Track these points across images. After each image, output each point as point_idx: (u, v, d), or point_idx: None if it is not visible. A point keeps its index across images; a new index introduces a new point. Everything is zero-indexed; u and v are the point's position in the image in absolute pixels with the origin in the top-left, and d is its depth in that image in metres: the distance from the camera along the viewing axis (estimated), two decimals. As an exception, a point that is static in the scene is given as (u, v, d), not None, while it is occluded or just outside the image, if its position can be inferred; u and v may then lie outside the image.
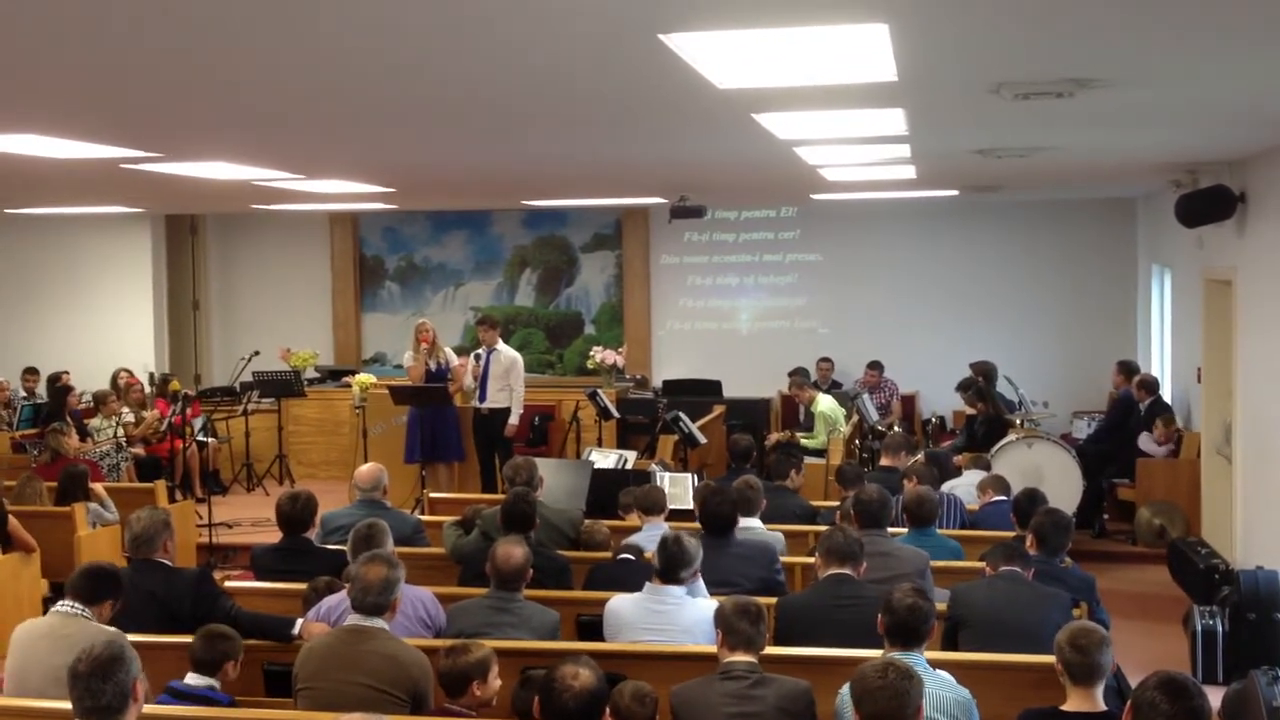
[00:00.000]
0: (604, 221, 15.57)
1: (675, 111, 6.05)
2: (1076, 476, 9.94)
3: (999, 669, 5.04)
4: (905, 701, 3.71)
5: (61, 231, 15.20)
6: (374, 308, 16.31)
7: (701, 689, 4.44)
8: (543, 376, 15.48)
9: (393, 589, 4.82)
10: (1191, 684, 3.64)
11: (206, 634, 4.95)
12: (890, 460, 8.83)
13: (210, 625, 5.05)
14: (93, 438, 11.78)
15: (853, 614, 5.26)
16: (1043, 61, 4.82)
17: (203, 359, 16.61)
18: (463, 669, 4.53)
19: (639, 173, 9.58)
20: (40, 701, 4.64)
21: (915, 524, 6.81)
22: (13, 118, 6.03)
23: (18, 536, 8.10)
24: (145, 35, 4.08)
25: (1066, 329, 14.36)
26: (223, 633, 4.98)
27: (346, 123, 6.45)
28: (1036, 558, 5.94)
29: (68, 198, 11.81)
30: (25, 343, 15.10)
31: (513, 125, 6.59)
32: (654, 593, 5.43)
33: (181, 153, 7.71)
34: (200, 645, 4.90)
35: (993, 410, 11.17)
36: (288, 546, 6.50)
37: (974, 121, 6.64)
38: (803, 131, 6.88)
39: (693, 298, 15.59)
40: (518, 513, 6.34)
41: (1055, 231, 14.45)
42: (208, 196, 11.63)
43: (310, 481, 12.61)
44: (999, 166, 8.86)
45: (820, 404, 11.84)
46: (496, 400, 11.21)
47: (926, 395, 14.56)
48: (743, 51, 4.48)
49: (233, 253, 16.53)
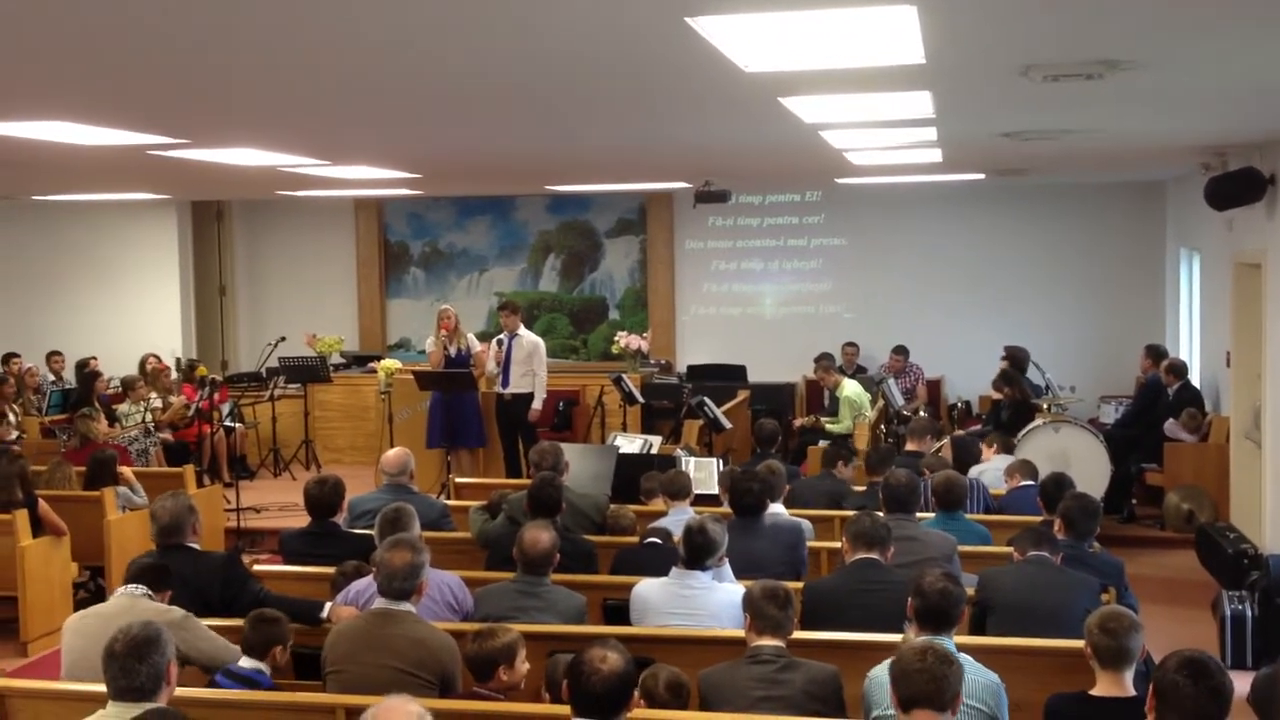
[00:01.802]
0: (628, 206, 15.56)
1: (701, 95, 6.03)
2: (1104, 461, 9.89)
3: (1027, 654, 5.03)
4: (943, 686, 3.68)
5: (89, 218, 15.30)
6: (399, 293, 16.35)
7: (729, 673, 4.45)
8: (567, 362, 15.50)
9: (418, 573, 4.84)
10: (1213, 662, 3.62)
11: (254, 618, 5.04)
12: (916, 445, 8.80)
13: (260, 610, 5.13)
14: (121, 423, 11.85)
15: (880, 598, 5.26)
16: (1072, 43, 4.78)
17: (229, 345, 16.69)
18: (490, 653, 4.56)
19: (664, 157, 9.57)
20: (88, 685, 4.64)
21: (943, 508, 6.80)
22: (42, 105, 6.07)
23: (48, 520, 8.17)
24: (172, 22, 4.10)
25: (1094, 313, 14.28)
26: (270, 617, 5.05)
27: (373, 109, 6.46)
28: (1065, 542, 5.92)
29: (95, 184, 11.88)
30: (54, 329, 15.20)
31: (539, 110, 6.59)
32: (680, 577, 5.43)
33: (208, 139, 7.74)
34: (248, 629, 4.99)
35: (1019, 395, 11.12)
36: (316, 530, 6.53)
37: (1002, 104, 6.59)
38: (829, 115, 6.86)
39: (717, 282, 15.56)
40: (544, 497, 6.36)
41: (1083, 215, 14.35)
42: (234, 182, 11.67)
43: (336, 466, 12.69)
44: (1026, 149, 8.80)
45: (845, 389, 11.82)
46: (520, 385, 11.22)
47: (952, 380, 14.51)
48: (769, 34, 4.46)
49: (259, 239, 16.60)
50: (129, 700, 3.86)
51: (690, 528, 5.46)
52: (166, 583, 5.21)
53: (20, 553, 7.87)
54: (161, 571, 5.23)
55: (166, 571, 5.25)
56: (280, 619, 5.06)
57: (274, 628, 5.02)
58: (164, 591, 5.18)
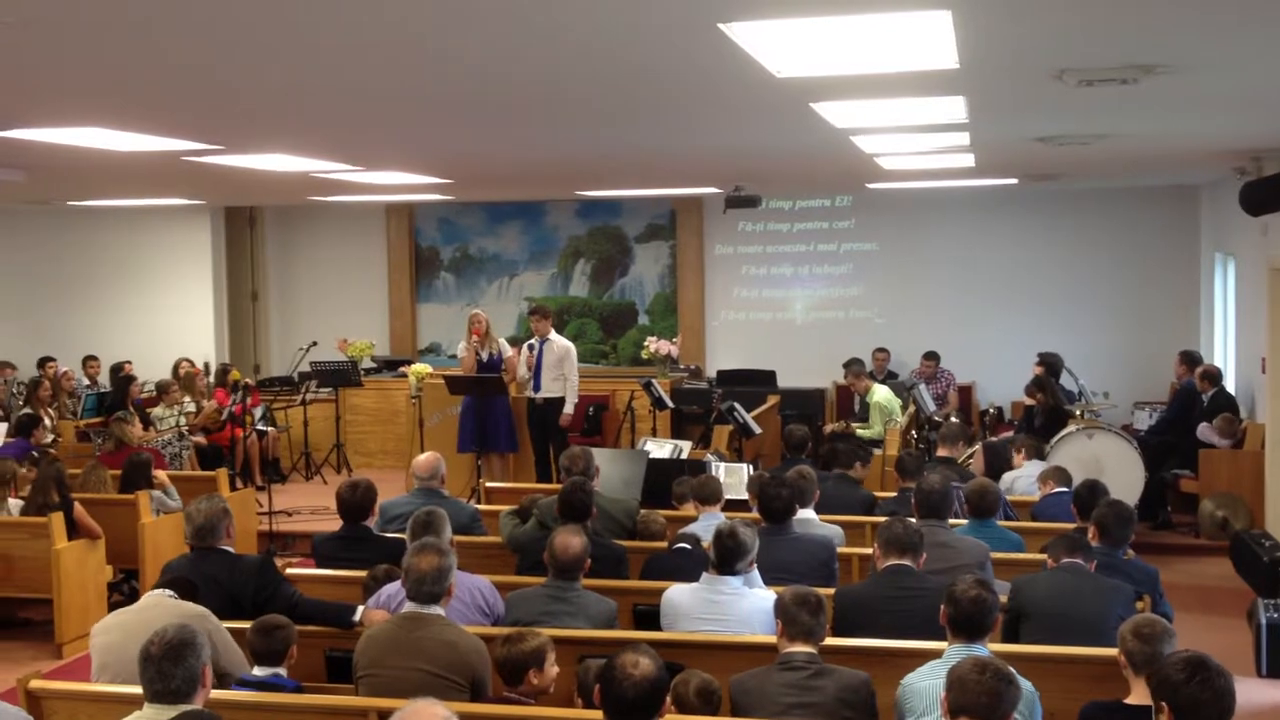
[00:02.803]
0: (658, 212, 15.56)
1: (732, 100, 6.03)
2: (1138, 468, 9.81)
3: (1061, 662, 4.99)
4: (997, 702, 3.66)
5: (123, 224, 15.44)
6: (429, 298, 16.40)
7: (760, 679, 4.44)
8: (597, 366, 15.51)
9: (446, 576, 4.85)
10: (1213, 662, 3.61)
11: (259, 628, 4.99)
12: (947, 451, 8.75)
13: (264, 618, 5.07)
14: (155, 427, 11.94)
15: (912, 605, 5.23)
16: (1107, 47, 4.76)
17: (261, 349, 16.79)
18: (520, 657, 4.56)
19: (695, 162, 9.57)
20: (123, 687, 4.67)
21: (976, 515, 6.76)
22: (78, 111, 6.13)
23: (83, 523, 8.24)
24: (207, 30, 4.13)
25: (1127, 319, 14.18)
26: (277, 623, 5.02)
27: (405, 114, 6.49)
28: (1099, 549, 5.87)
29: (130, 190, 11.99)
30: (89, 333, 15.35)
31: (571, 115, 6.60)
32: (711, 583, 5.42)
33: (242, 145, 7.79)
34: (259, 640, 4.95)
35: (1052, 401, 11.05)
36: (348, 534, 6.55)
37: (1036, 109, 6.56)
38: (861, 120, 6.84)
39: (747, 287, 15.54)
40: (575, 502, 6.36)
41: (1116, 220, 14.26)
42: (267, 188, 11.75)
43: (367, 470, 12.75)
44: (1060, 154, 8.76)
45: (876, 394, 11.78)
46: (551, 390, 11.23)
47: (983, 386, 14.44)
48: (802, 40, 4.46)
49: (291, 244, 16.69)
50: (165, 702, 3.89)
51: (721, 531, 5.45)
52: (193, 597, 5.22)
53: (56, 555, 7.93)
54: (190, 586, 5.26)
55: (194, 587, 5.28)
56: (285, 624, 5.02)
57: (281, 634, 4.97)
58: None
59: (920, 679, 4.36)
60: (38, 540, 7.98)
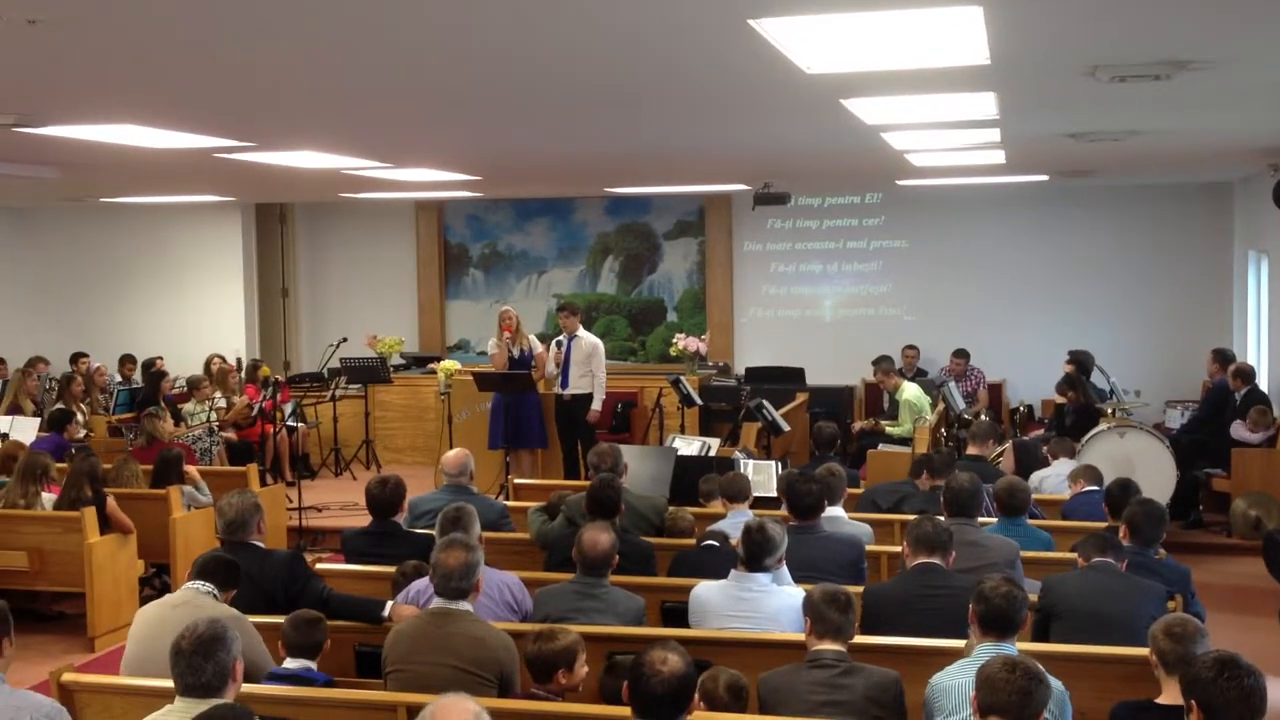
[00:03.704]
0: (687, 209, 15.55)
1: (762, 97, 6.02)
2: (1170, 467, 9.74)
3: (1092, 661, 4.96)
4: (1027, 702, 3.64)
5: (155, 220, 15.55)
6: (458, 295, 16.45)
7: (789, 677, 4.43)
8: (625, 363, 15.52)
9: (474, 572, 4.86)
10: (1244, 661, 3.59)
11: (295, 621, 5.02)
12: (978, 449, 8.72)
13: (300, 612, 5.11)
14: (186, 422, 12.02)
15: (941, 604, 5.20)
16: (1140, 43, 4.72)
17: (291, 345, 16.87)
18: (550, 655, 4.56)
19: (724, 159, 9.55)
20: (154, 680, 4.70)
21: (1006, 513, 6.72)
22: (110, 109, 6.17)
23: (115, 518, 8.30)
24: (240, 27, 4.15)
25: (1159, 316, 14.07)
26: (314, 618, 5.05)
27: (436, 112, 6.51)
28: (1130, 549, 5.83)
29: (161, 187, 12.06)
30: (121, 329, 15.48)
31: (600, 111, 6.60)
32: (739, 580, 5.42)
33: (273, 142, 7.83)
34: (295, 633, 4.98)
35: (1083, 399, 10.98)
36: (377, 530, 6.57)
37: (1068, 105, 6.52)
38: (891, 116, 6.82)
39: (776, 285, 15.51)
40: (604, 499, 6.36)
41: (1148, 217, 14.16)
42: (297, 185, 11.80)
43: (396, 466, 12.78)
44: (1092, 151, 8.70)
45: (905, 392, 11.73)
46: (578, 387, 11.25)
47: (1014, 383, 14.36)
48: (833, 36, 4.44)
49: (321, 241, 16.77)
50: (196, 696, 3.92)
51: (749, 527, 5.44)
52: (234, 580, 5.24)
53: (88, 549, 7.99)
54: (231, 568, 5.26)
55: (236, 569, 5.29)
56: (320, 620, 5.05)
57: (316, 629, 5.01)
58: (230, 590, 5.21)
59: (949, 678, 4.34)
60: (70, 534, 8.05)
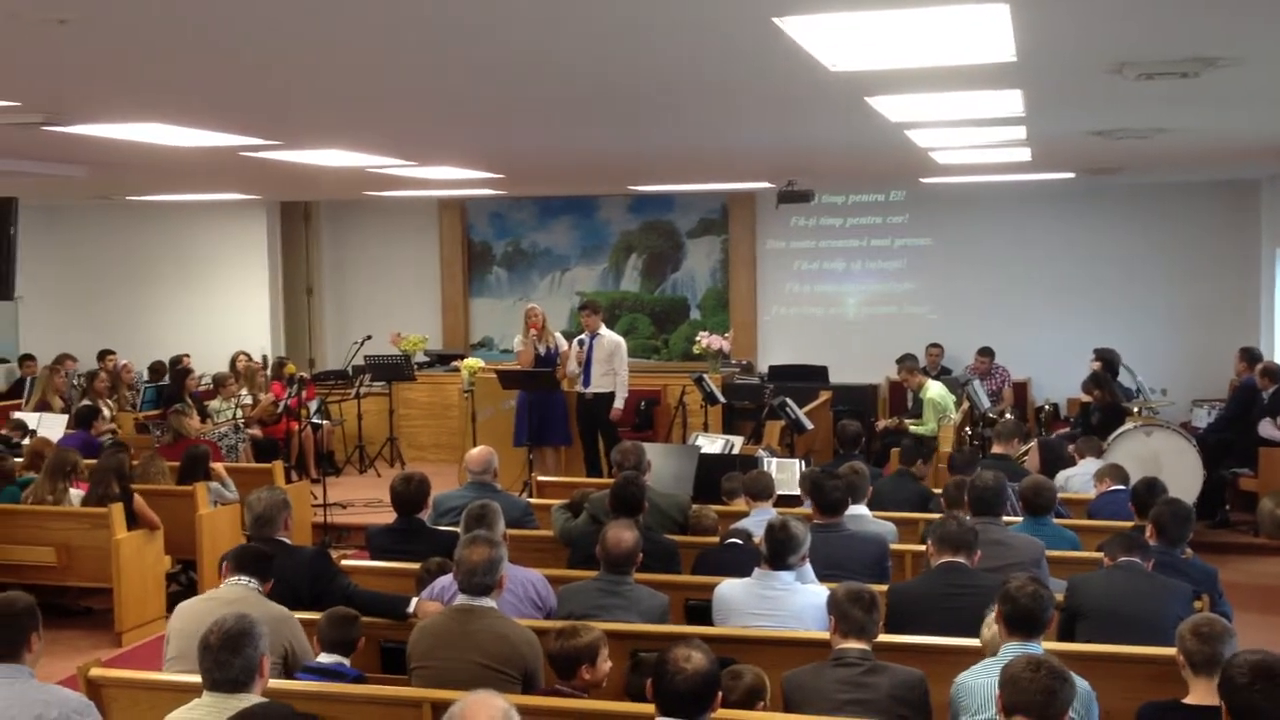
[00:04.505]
0: (710, 207, 15.54)
1: (787, 95, 6.02)
2: (1196, 466, 9.67)
3: (1118, 661, 4.94)
4: (1052, 700, 3.63)
5: (181, 218, 15.64)
6: (481, 293, 16.48)
7: (813, 675, 4.43)
8: (648, 361, 15.51)
9: (497, 568, 4.88)
10: None
11: (331, 617, 5.05)
12: (1003, 448, 8.69)
13: (336, 609, 5.14)
14: (212, 419, 12.09)
15: (966, 603, 5.18)
16: (1167, 40, 4.69)
17: (316, 343, 16.95)
18: (573, 652, 4.57)
19: (748, 156, 9.54)
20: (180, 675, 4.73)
21: (1031, 513, 6.69)
22: (139, 107, 6.21)
23: (142, 514, 8.36)
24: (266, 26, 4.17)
25: (1186, 315, 13.98)
26: (348, 616, 5.08)
27: (460, 110, 6.52)
28: (1156, 548, 5.80)
29: (188, 185, 12.13)
30: (147, 327, 15.58)
31: (624, 109, 6.60)
32: (763, 578, 5.41)
33: (299, 141, 7.87)
34: (332, 630, 5.01)
35: (1109, 398, 10.93)
36: (402, 527, 6.60)
37: (1094, 103, 6.49)
38: (915, 114, 6.80)
39: (799, 283, 15.49)
40: (627, 496, 6.36)
41: (1175, 214, 14.06)
42: (322, 183, 11.85)
43: (420, 464, 12.81)
44: (1118, 148, 8.65)
45: (930, 390, 11.70)
46: (600, 385, 11.26)
47: (1039, 382, 14.30)
48: (857, 34, 4.43)
49: (345, 239, 16.83)
50: (223, 691, 3.94)
51: (772, 525, 5.44)
52: (270, 569, 5.27)
53: (116, 545, 8.05)
54: (264, 558, 5.29)
55: (269, 558, 5.32)
56: (355, 618, 5.09)
57: (352, 626, 5.04)
58: (268, 581, 5.24)
59: (974, 677, 4.33)
60: (98, 530, 8.10)
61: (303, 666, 4.99)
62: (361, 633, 5.09)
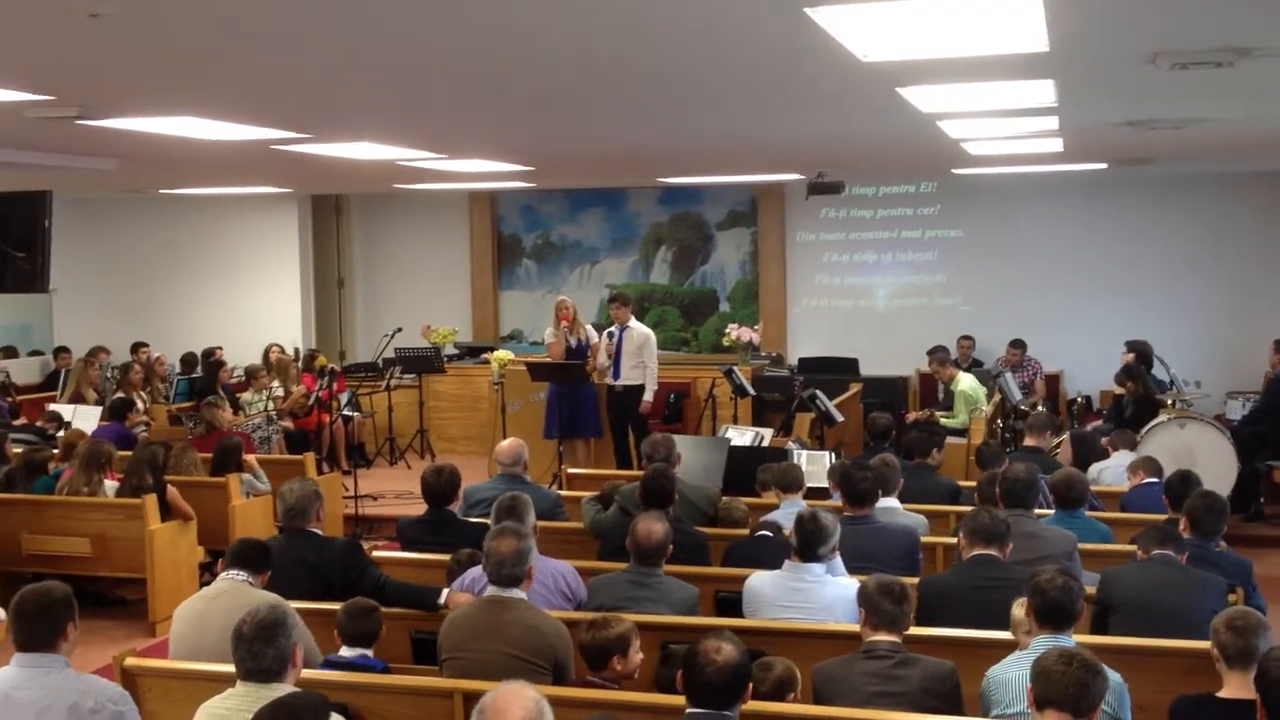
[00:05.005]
0: (739, 199, 15.51)
1: (818, 85, 6.00)
2: (1231, 458, 9.60)
3: (1152, 654, 4.91)
4: (1083, 693, 3.61)
5: (213, 211, 15.73)
6: (511, 285, 16.51)
7: (844, 667, 4.42)
8: (678, 354, 15.51)
9: (525, 559, 4.89)
10: None
11: (353, 611, 5.05)
12: (1035, 440, 8.63)
13: (354, 601, 5.13)
14: (244, 411, 12.16)
15: (998, 595, 5.14)
16: (1201, 29, 4.65)
17: (347, 335, 17.02)
18: (604, 643, 4.58)
19: (779, 148, 9.51)
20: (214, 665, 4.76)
21: (1063, 505, 6.65)
22: (172, 101, 6.24)
23: (176, 505, 8.42)
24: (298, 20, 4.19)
25: (1220, 307, 13.86)
26: (368, 607, 5.08)
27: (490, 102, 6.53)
28: (1190, 541, 5.76)
29: (219, 178, 12.21)
30: (180, 319, 15.69)
31: (655, 101, 6.60)
32: (793, 570, 5.41)
33: (329, 134, 7.90)
34: (351, 623, 5.01)
35: (1142, 390, 10.85)
36: (432, 519, 6.63)
37: (1128, 93, 6.44)
38: (947, 104, 6.77)
39: (829, 274, 15.44)
40: (657, 488, 6.37)
41: (1208, 206, 13.94)
42: (353, 176, 11.89)
43: (450, 456, 12.86)
44: (1152, 139, 8.58)
45: (961, 382, 11.65)
46: (630, 377, 11.27)
47: (1071, 374, 14.20)
48: (889, 23, 4.41)
49: (375, 232, 16.89)
50: (256, 681, 3.97)
51: (802, 516, 5.43)
52: (266, 562, 5.25)
53: (150, 536, 8.12)
54: (260, 550, 5.28)
55: (265, 550, 5.31)
56: (374, 609, 5.08)
57: (370, 618, 5.03)
58: (263, 572, 5.22)
59: (1006, 670, 4.32)
60: (132, 521, 8.18)
61: (322, 660, 5.00)
62: (381, 623, 5.08)
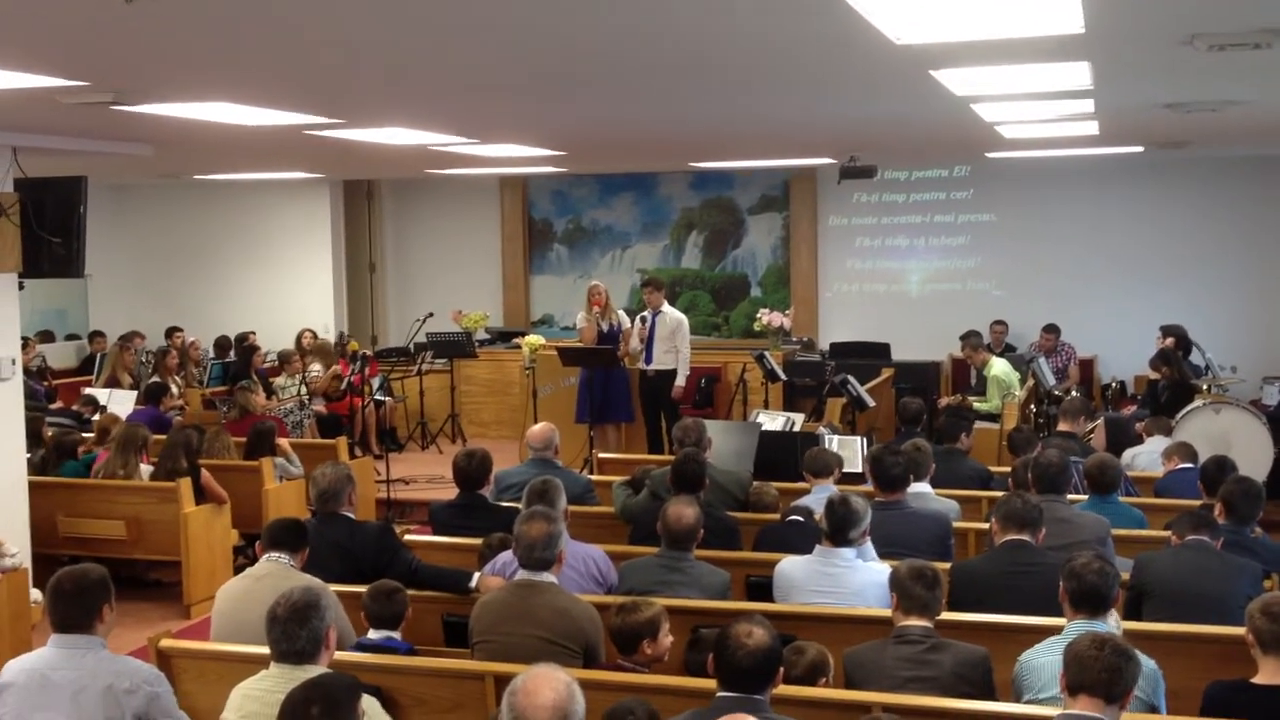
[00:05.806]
0: (771, 183, 15.46)
1: (851, 69, 5.96)
2: (1267, 444, 9.51)
3: (1186, 640, 4.89)
4: (1116, 679, 3.60)
5: (246, 197, 15.80)
6: (542, 270, 16.52)
7: (875, 652, 4.42)
8: (709, 339, 15.48)
9: (555, 542, 4.91)
10: None
11: (377, 593, 5.06)
12: (1069, 425, 8.58)
13: (378, 583, 5.14)
14: (277, 395, 12.24)
15: (1031, 581, 5.15)
16: (1239, 11, 4.59)
17: (379, 320, 17.09)
18: (634, 627, 4.59)
19: (811, 132, 9.47)
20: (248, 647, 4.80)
21: (1097, 490, 6.62)
22: (206, 86, 6.27)
23: (210, 489, 8.50)
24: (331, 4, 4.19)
25: (1256, 291, 13.72)
26: (392, 588, 5.09)
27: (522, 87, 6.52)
28: (1225, 527, 5.72)
29: (253, 164, 12.26)
30: (214, 304, 15.78)
31: (687, 85, 6.57)
32: (824, 555, 5.41)
33: (362, 119, 7.91)
34: (376, 605, 5.03)
35: (1177, 375, 10.76)
36: (464, 503, 6.66)
37: (1164, 75, 6.37)
38: (981, 87, 6.71)
39: (861, 259, 15.37)
40: (688, 473, 6.38)
41: (1244, 189, 13.78)
42: (384, 161, 11.92)
43: (481, 440, 12.91)
44: (1188, 122, 8.49)
45: (994, 367, 11.59)
46: (663, 362, 11.27)
47: (1105, 359, 14.10)
48: (922, 6, 4.38)
49: (407, 217, 16.93)
50: (290, 662, 4.00)
51: (833, 500, 5.43)
52: (304, 540, 5.30)
53: (184, 519, 8.19)
54: (298, 529, 5.33)
55: (303, 529, 5.35)
56: (398, 590, 5.09)
57: (395, 600, 5.04)
58: (302, 550, 5.27)
59: (1039, 655, 4.31)
60: (167, 504, 8.25)
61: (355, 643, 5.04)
62: (407, 605, 5.09)
